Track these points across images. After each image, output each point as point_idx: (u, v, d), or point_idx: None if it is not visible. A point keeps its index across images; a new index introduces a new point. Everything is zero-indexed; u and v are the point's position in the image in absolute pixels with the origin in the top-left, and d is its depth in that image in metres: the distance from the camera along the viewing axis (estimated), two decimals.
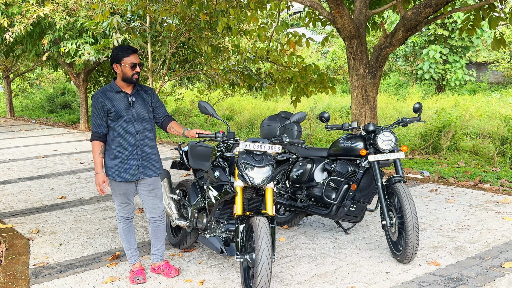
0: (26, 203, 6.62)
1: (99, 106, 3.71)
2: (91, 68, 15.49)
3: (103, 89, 3.78)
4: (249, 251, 3.48)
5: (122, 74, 3.72)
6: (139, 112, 3.78)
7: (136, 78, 3.73)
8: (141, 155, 3.80)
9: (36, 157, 10.73)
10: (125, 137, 3.74)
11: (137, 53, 3.78)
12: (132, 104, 3.76)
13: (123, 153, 3.75)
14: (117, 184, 3.81)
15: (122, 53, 3.70)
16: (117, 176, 3.76)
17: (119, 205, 3.89)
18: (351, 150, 4.59)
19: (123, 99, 3.75)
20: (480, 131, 10.86)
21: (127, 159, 3.76)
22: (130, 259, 4.01)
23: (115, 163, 3.76)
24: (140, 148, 3.79)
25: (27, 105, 26.06)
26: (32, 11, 10.62)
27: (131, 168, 3.77)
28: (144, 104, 3.83)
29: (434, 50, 20.74)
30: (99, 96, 3.73)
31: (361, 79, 7.27)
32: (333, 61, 24.30)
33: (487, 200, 6.11)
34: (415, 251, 4.03)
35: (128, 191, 3.85)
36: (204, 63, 10.34)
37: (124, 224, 3.95)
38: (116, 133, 3.74)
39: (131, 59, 3.69)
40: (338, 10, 6.74)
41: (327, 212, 4.68)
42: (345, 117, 14.91)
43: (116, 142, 3.75)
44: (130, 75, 3.71)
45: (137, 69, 3.71)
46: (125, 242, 3.98)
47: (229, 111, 17.85)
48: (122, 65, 3.70)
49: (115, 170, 3.76)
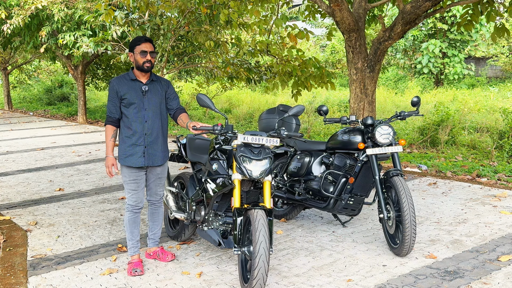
0: (24, 195, 6.62)
1: (114, 92, 3.86)
2: (89, 61, 15.45)
3: (120, 76, 3.94)
4: (247, 244, 3.50)
5: (135, 62, 3.87)
6: (150, 101, 3.90)
7: (147, 66, 3.84)
8: (147, 143, 3.91)
9: (34, 149, 10.72)
10: (135, 124, 3.87)
11: (151, 42, 3.90)
12: (145, 93, 3.89)
13: (131, 138, 3.88)
14: (128, 170, 3.92)
15: (135, 42, 3.86)
16: (122, 160, 3.91)
17: (128, 193, 3.98)
18: (349, 143, 4.60)
19: (137, 87, 3.88)
20: (478, 126, 10.88)
21: (134, 145, 3.88)
22: (130, 250, 4.05)
23: (123, 147, 3.90)
24: (148, 136, 3.91)
25: (25, 97, 26.00)
26: (30, 2, 10.58)
27: (136, 153, 3.88)
28: (158, 95, 3.95)
29: (433, 44, 20.70)
30: (115, 82, 3.88)
31: (359, 73, 7.27)
32: (332, 54, 24.27)
33: (484, 194, 6.14)
34: (412, 244, 4.05)
35: (138, 178, 3.95)
36: (203, 56, 10.32)
37: (131, 214, 4.01)
38: (127, 119, 3.88)
39: (141, 47, 3.82)
40: (337, 3, 6.72)
41: (325, 205, 4.69)
42: (343, 111, 14.91)
43: (127, 128, 3.89)
44: (141, 63, 3.83)
45: (147, 56, 3.82)
46: (129, 232, 4.04)
47: (227, 104, 17.83)
48: (134, 53, 3.85)
49: (122, 154, 3.90)
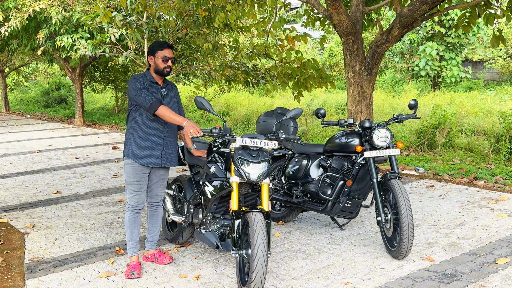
0: (22, 198, 6.61)
1: (142, 84, 3.86)
2: (87, 63, 15.44)
3: (141, 75, 3.97)
4: (245, 247, 3.49)
5: (155, 66, 3.93)
6: (169, 104, 3.97)
7: (167, 71, 3.93)
8: (166, 144, 3.98)
9: (31, 151, 10.70)
10: (156, 125, 3.92)
11: (172, 49, 4.00)
12: (164, 96, 3.96)
13: (150, 139, 3.92)
14: (133, 171, 3.93)
15: (157, 47, 3.93)
16: (140, 159, 3.91)
17: (130, 193, 3.99)
18: (346, 146, 4.61)
19: (157, 90, 3.95)
20: (475, 128, 10.90)
21: (153, 145, 3.93)
22: (129, 250, 4.06)
23: (140, 147, 3.91)
24: (167, 138, 3.99)
25: (22, 100, 25.96)
26: (28, 5, 10.57)
27: (154, 154, 3.93)
28: (173, 98, 4.07)
29: (431, 47, 20.76)
30: (141, 78, 3.92)
31: (357, 76, 7.28)
32: (329, 57, 24.32)
33: (481, 197, 6.15)
34: (409, 247, 4.05)
35: (142, 179, 3.98)
36: (201, 58, 10.32)
37: (131, 214, 4.03)
38: (148, 119, 3.89)
39: (164, 53, 3.91)
40: (334, 6, 6.74)
41: (323, 208, 4.70)
42: (341, 114, 14.93)
43: (146, 127, 3.91)
44: (162, 67, 3.91)
45: (169, 63, 3.92)
46: (129, 232, 4.05)
47: (225, 106, 17.83)
48: (155, 58, 3.91)
49: (140, 153, 3.91)
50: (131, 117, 3.96)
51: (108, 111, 19.71)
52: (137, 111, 3.91)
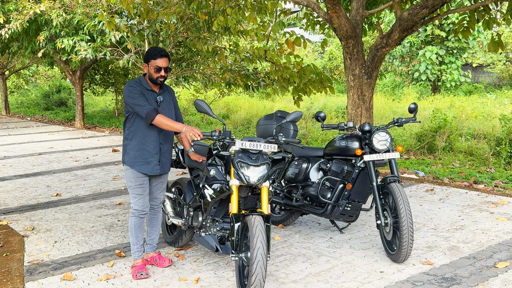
0: (21, 200, 6.61)
1: (138, 91, 3.81)
2: (87, 66, 15.46)
3: (137, 81, 3.91)
4: (244, 250, 3.49)
5: (148, 74, 3.89)
6: (165, 111, 3.94)
7: (160, 81, 3.88)
8: (162, 152, 3.98)
9: (31, 154, 10.70)
10: (153, 133, 3.90)
11: (168, 57, 3.90)
12: (160, 104, 3.92)
13: (147, 146, 3.90)
14: (134, 175, 3.92)
15: (151, 55, 3.85)
16: (138, 167, 3.90)
17: (134, 198, 3.99)
18: (346, 149, 4.61)
19: (153, 97, 3.90)
20: (475, 132, 10.91)
21: (150, 153, 3.91)
22: (134, 254, 4.07)
23: (138, 154, 3.90)
24: (162, 145, 3.97)
25: (22, 102, 25.97)
26: (28, 7, 10.59)
27: (152, 162, 3.93)
28: (170, 104, 4.03)
29: (431, 51, 20.79)
30: (136, 85, 3.86)
31: (357, 79, 7.29)
32: (329, 61, 24.35)
33: (481, 201, 6.15)
34: (409, 251, 4.05)
35: (144, 183, 3.98)
36: (201, 62, 10.33)
37: (136, 219, 4.02)
38: (144, 127, 3.87)
39: (157, 62, 3.82)
40: (335, 10, 6.76)
41: (322, 211, 4.70)
42: (341, 117, 14.95)
43: (143, 135, 3.89)
44: (155, 77, 3.86)
45: (161, 72, 3.85)
46: (133, 236, 4.05)
47: (225, 110, 17.85)
48: (149, 66, 3.86)
49: (137, 161, 3.90)
50: (128, 123, 3.94)
51: (108, 114, 19.73)
52: (134, 118, 3.89)
